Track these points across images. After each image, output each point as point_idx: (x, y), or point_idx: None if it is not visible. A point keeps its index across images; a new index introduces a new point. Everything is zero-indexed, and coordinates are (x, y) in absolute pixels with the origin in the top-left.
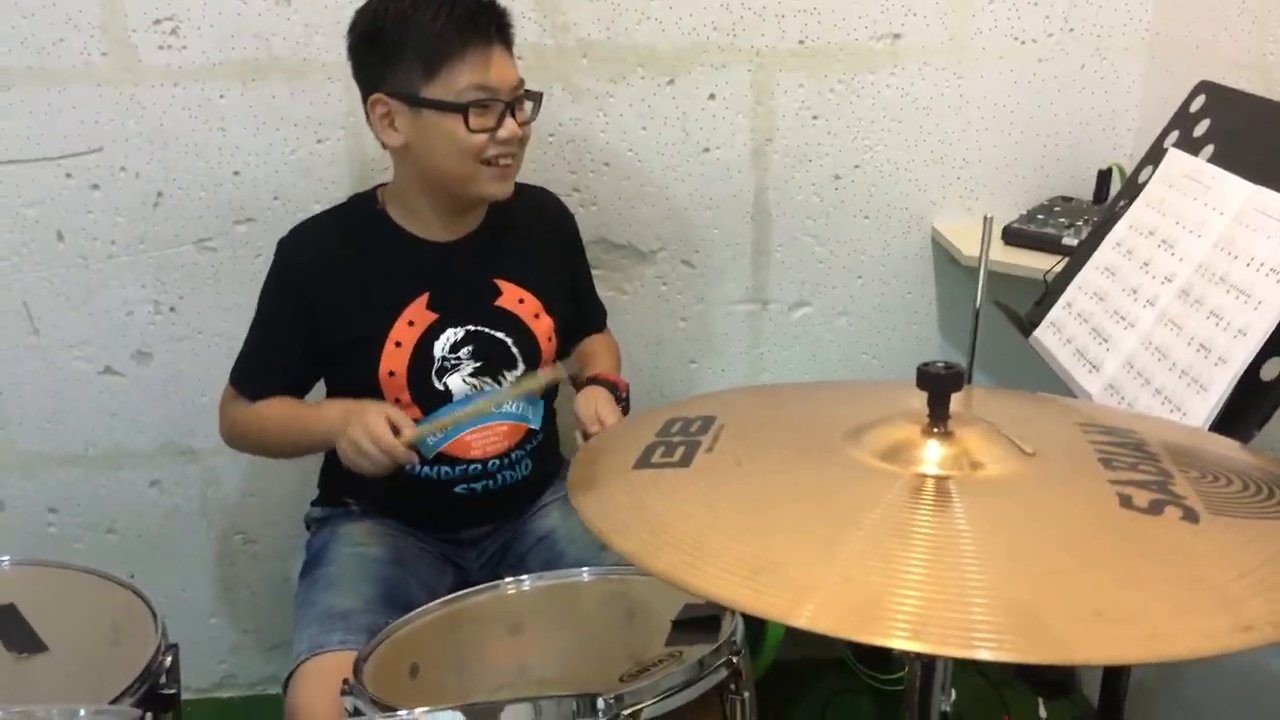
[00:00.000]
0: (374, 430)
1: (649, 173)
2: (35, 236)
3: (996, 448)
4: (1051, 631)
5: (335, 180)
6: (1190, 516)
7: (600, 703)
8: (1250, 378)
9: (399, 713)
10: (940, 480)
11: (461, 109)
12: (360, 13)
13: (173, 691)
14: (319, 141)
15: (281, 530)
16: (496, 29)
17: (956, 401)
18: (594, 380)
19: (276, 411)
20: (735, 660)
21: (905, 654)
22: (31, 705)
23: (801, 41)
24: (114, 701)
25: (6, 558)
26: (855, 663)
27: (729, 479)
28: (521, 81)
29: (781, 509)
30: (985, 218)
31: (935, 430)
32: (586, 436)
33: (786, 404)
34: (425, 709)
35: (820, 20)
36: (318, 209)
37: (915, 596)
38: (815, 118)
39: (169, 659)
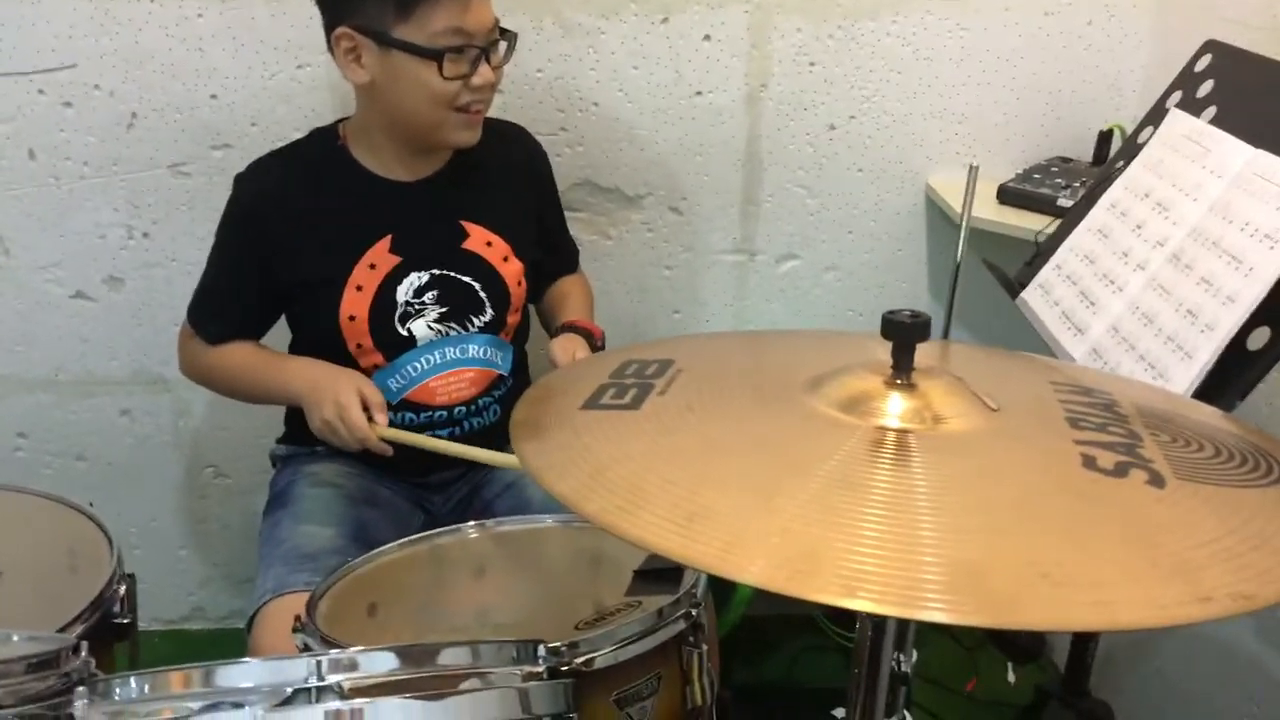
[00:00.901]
0: (349, 416)
1: (639, 114)
2: (6, 154)
3: (960, 402)
4: (994, 593)
5: (315, 108)
6: (1156, 481)
7: (541, 649)
8: (1236, 346)
9: (331, 650)
10: (900, 434)
11: (436, 54)
12: None
13: (126, 621)
14: (299, 67)
15: (253, 464)
16: None
17: (930, 355)
18: (569, 327)
19: (240, 361)
20: (695, 613)
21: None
22: None
23: None
24: (64, 628)
25: None
26: (826, 621)
27: (678, 424)
28: (497, 22)
29: (728, 457)
30: (970, 166)
31: (898, 382)
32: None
33: (750, 351)
34: (360, 648)
35: None
36: (297, 135)
37: (857, 552)
38: (812, 64)
39: (123, 588)
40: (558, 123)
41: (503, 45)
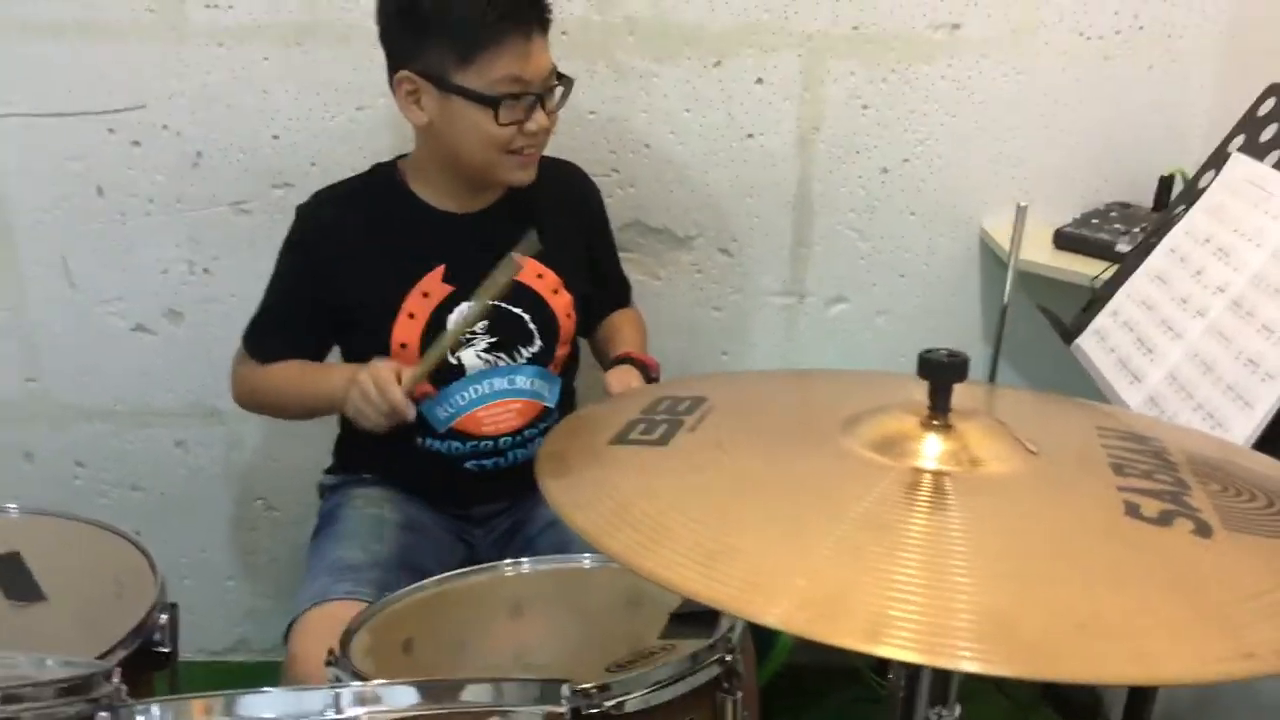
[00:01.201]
0: (380, 378)
1: (690, 156)
2: (76, 190)
3: (999, 445)
4: (1026, 643)
5: (374, 148)
6: (1203, 531)
7: (565, 690)
8: None
9: (353, 683)
10: (935, 475)
11: (493, 102)
12: None
13: (167, 651)
14: (359, 109)
15: (302, 497)
16: (538, 17)
17: (974, 398)
18: (624, 359)
19: (285, 375)
20: (730, 658)
21: (894, 661)
22: (4, 652)
23: (855, 28)
24: (104, 655)
25: (13, 505)
26: (871, 673)
27: (706, 461)
28: (554, 69)
29: (755, 495)
30: (1019, 205)
31: (935, 423)
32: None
33: (786, 390)
34: (381, 681)
35: (876, 6)
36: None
37: (886, 597)
38: (865, 108)
39: (164, 617)
40: (609, 164)
41: (559, 91)
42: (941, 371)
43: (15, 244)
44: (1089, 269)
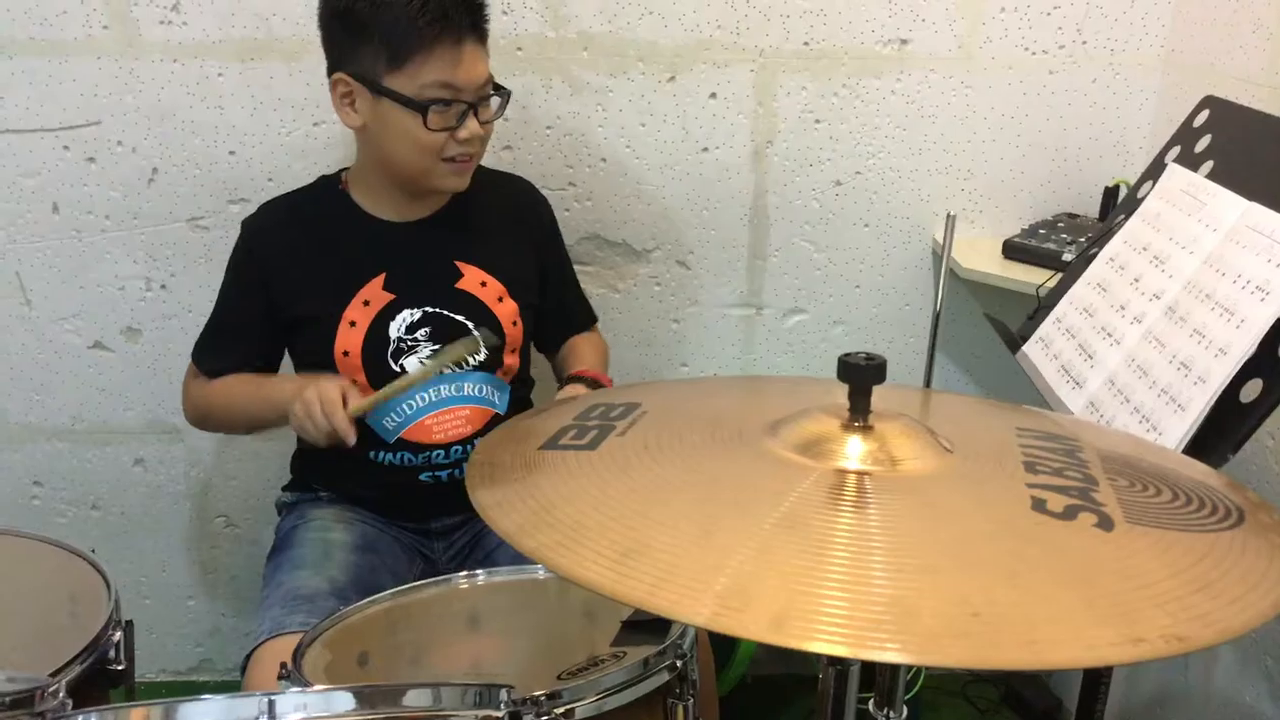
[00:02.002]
0: (325, 393)
1: (646, 170)
2: (31, 207)
3: (917, 444)
4: (924, 631)
5: (330, 163)
6: (1105, 524)
7: (504, 694)
8: (1229, 398)
9: (292, 688)
10: (857, 475)
11: (421, 106)
12: None
13: (121, 668)
14: (315, 124)
15: (262, 515)
16: (471, 24)
17: (902, 402)
18: (577, 377)
19: (233, 388)
20: (680, 664)
21: (819, 657)
22: None
23: (806, 43)
24: (57, 672)
25: None
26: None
27: (632, 464)
28: (489, 79)
29: (677, 497)
30: (948, 215)
31: (855, 424)
32: None
33: (717, 395)
34: (322, 687)
35: (826, 23)
36: None
37: (791, 589)
38: (818, 121)
39: (118, 634)
40: (566, 178)
41: (495, 101)
42: (860, 374)
43: None
44: (1036, 278)
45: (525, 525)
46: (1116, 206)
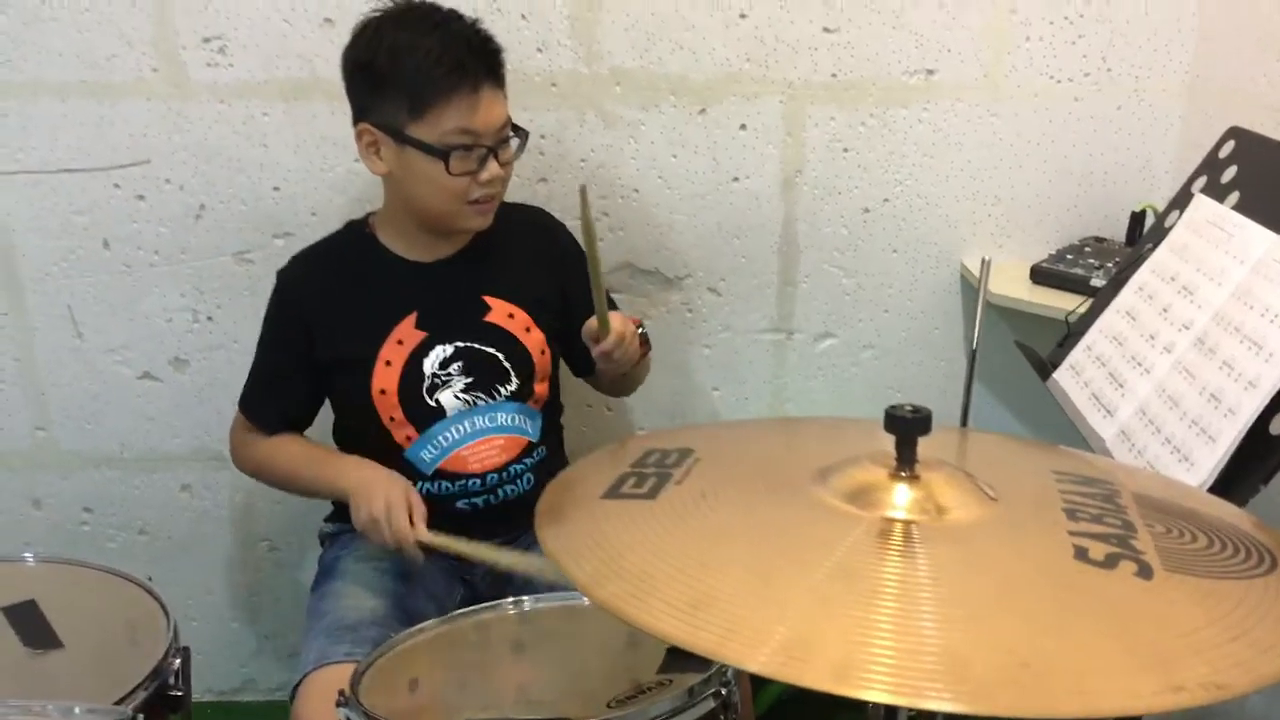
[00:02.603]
0: (394, 517)
1: (678, 200)
2: (83, 243)
3: (962, 493)
4: (976, 680)
5: (370, 198)
6: (1144, 572)
7: None
8: (1259, 431)
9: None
10: (904, 524)
11: (443, 153)
12: (356, 37)
13: (180, 694)
14: (356, 160)
15: (304, 539)
16: (487, 70)
17: (942, 445)
18: None
19: (291, 456)
20: (725, 691)
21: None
22: (29, 701)
23: (834, 75)
24: (121, 701)
25: (29, 554)
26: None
27: (691, 513)
28: (508, 120)
29: (732, 545)
30: (983, 260)
31: (902, 474)
32: (598, 341)
33: (767, 440)
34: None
35: (853, 55)
36: None
37: (848, 640)
38: (846, 150)
39: (178, 661)
40: (600, 208)
41: (514, 142)
42: (906, 426)
43: (23, 296)
44: (1065, 303)
45: (597, 575)
46: (1144, 234)
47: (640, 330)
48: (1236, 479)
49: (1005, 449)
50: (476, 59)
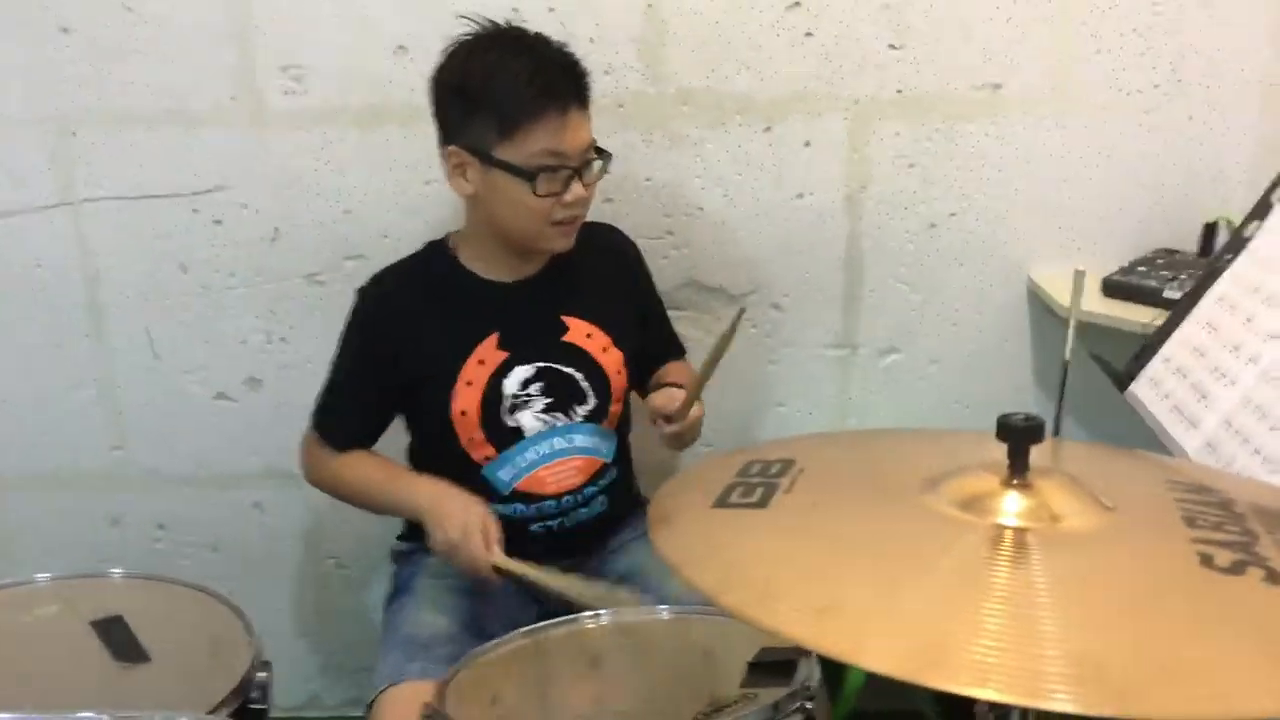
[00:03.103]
0: (471, 542)
1: (742, 217)
2: (161, 267)
3: (1076, 501)
4: (1117, 684)
5: (441, 220)
6: (1272, 578)
7: None
8: None
9: None
10: (1017, 532)
11: (530, 175)
12: (447, 60)
13: (263, 708)
14: (426, 183)
15: (371, 558)
16: (575, 92)
17: (1041, 453)
18: (668, 384)
19: (365, 474)
20: (809, 706)
21: (982, 709)
22: (137, 712)
23: (899, 91)
24: (210, 713)
25: (118, 570)
26: (936, 716)
27: (804, 521)
28: (592, 143)
29: (852, 552)
30: (1076, 271)
31: (1014, 482)
32: (668, 419)
33: (865, 449)
34: None
35: (919, 70)
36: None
37: (982, 643)
38: (911, 165)
39: (262, 675)
40: (664, 226)
41: (597, 164)
42: (1019, 434)
43: (104, 319)
44: (1138, 316)
45: (720, 583)
46: (1222, 246)
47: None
48: None
49: (1107, 458)
50: (566, 81)
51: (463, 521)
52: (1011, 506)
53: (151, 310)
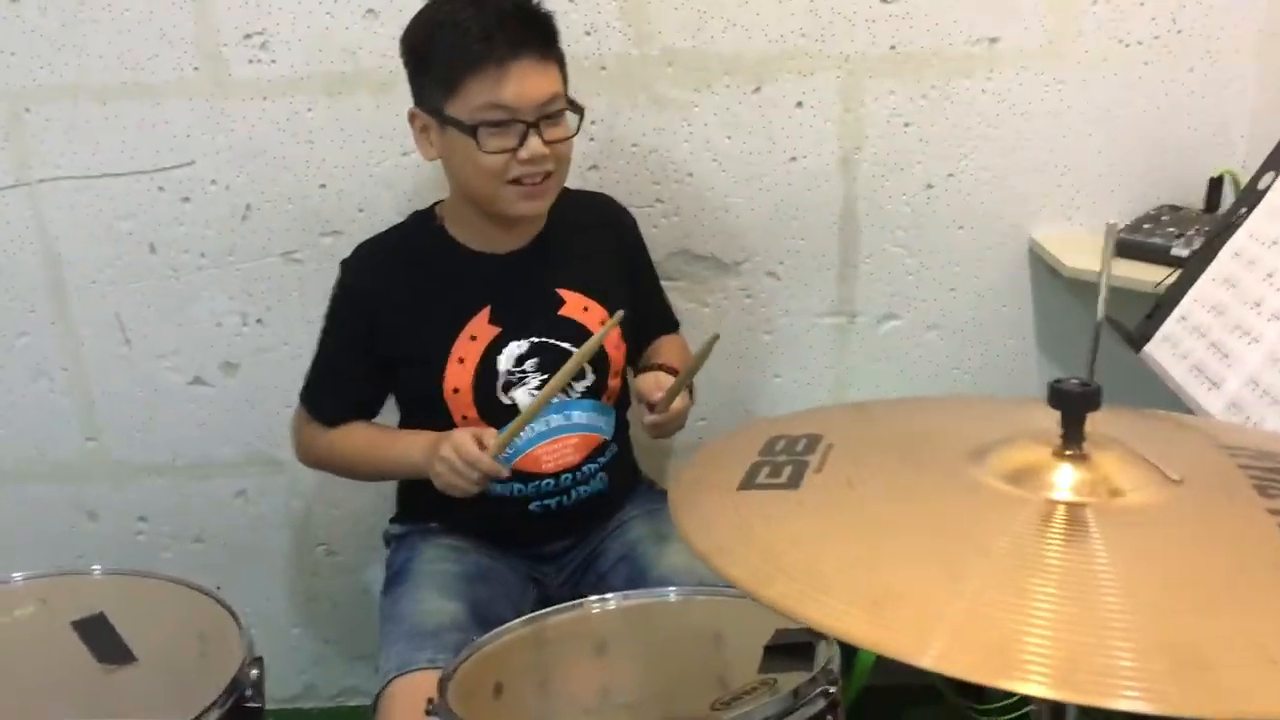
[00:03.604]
0: (463, 448)
1: (733, 183)
2: (129, 249)
3: (1136, 473)
4: (1217, 681)
5: (419, 192)
6: None
7: None
8: None
9: None
10: (1075, 507)
11: (471, 129)
12: (411, 21)
13: (257, 705)
14: (404, 154)
15: (362, 542)
16: (520, 41)
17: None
18: (659, 366)
19: (359, 442)
20: (832, 690)
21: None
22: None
23: (893, 47)
24: (200, 715)
25: (97, 566)
26: (951, 692)
27: (841, 502)
28: (555, 95)
29: (900, 535)
30: (1108, 224)
31: (1068, 453)
32: (651, 408)
33: (893, 421)
34: None
35: (912, 25)
36: (401, 219)
37: (1053, 637)
38: (907, 125)
39: (254, 672)
40: (653, 194)
41: (572, 118)
42: (1075, 402)
43: (70, 305)
44: (1146, 275)
45: (757, 574)
46: (1237, 199)
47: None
48: None
49: (1153, 425)
50: (509, 30)
51: (451, 444)
52: (1064, 480)
53: (120, 294)
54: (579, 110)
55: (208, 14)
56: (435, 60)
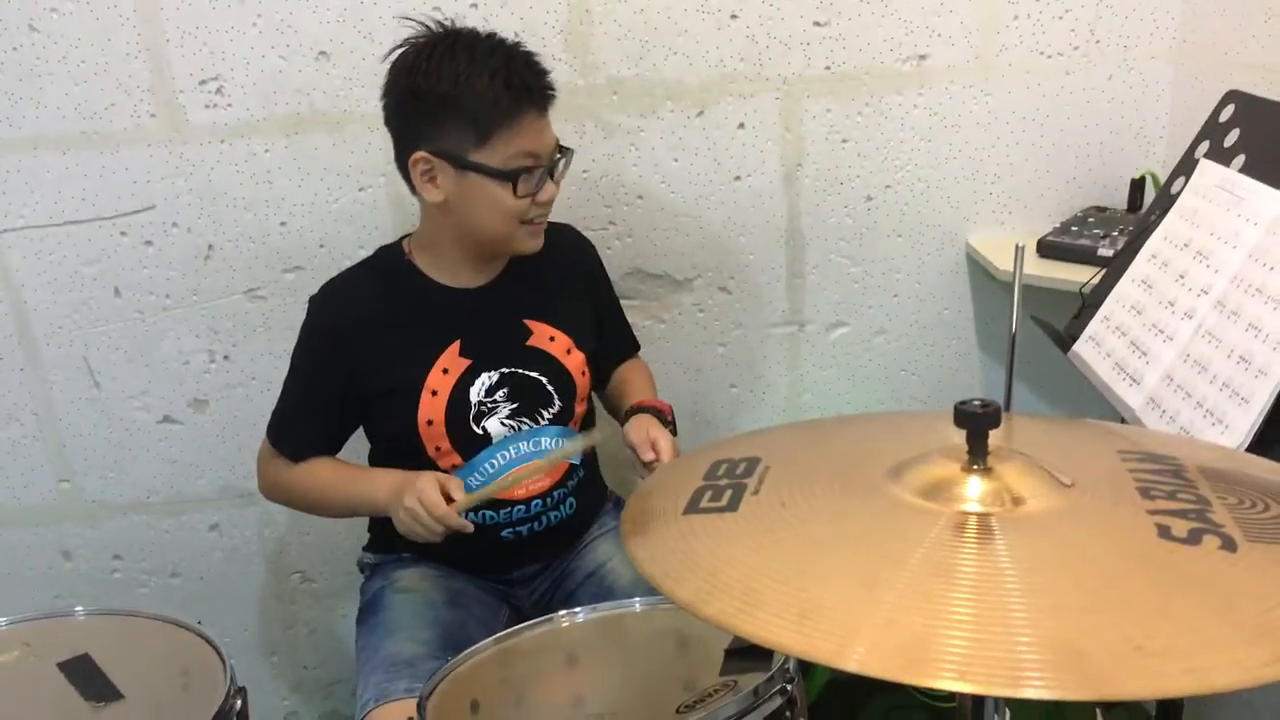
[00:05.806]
0: (428, 498)
1: (682, 203)
2: (94, 294)
3: (1036, 481)
4: (1094, 668)
5: (378, 226)
6: (1228, 545)
7: None
8: None
9: None
10: (981, 517)
11: (510, 176)
12: (404, 67)
13: None
14: (361, 190)
15: (337, 568)
16: (544, 94)
17: (996, 432)
18: (639, 409)
19: (324, 479)
20: (790, 688)
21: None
22: None
23: (828, 68)
24: None
25: (80, 608)
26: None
27: (775, 522)
28: (558, 141)
29: (826, 551)
30: (1017, 246)
31: (975, 467)
32: (646, 464)
33: (827, 440)
34: None
35: (845, 46)
36: (363, 254)
37: (960, 636)
38: (844, 141)
39: (238, 702)
40: (606, 217)
41: (562, 162)
42: (977, 420)
43: (38, 350)
44: (1074, 275)
45: (699, 594)
46: (1150, 204)
47: (671, 423)
48: (1272, 440)
49: (1060, 431)
50: (539, 82)
51: (416, 491)
52: (973, 492)
53: (87, 338)
54: (569, 153)
55: (163, 62)
56: (464, 110)
